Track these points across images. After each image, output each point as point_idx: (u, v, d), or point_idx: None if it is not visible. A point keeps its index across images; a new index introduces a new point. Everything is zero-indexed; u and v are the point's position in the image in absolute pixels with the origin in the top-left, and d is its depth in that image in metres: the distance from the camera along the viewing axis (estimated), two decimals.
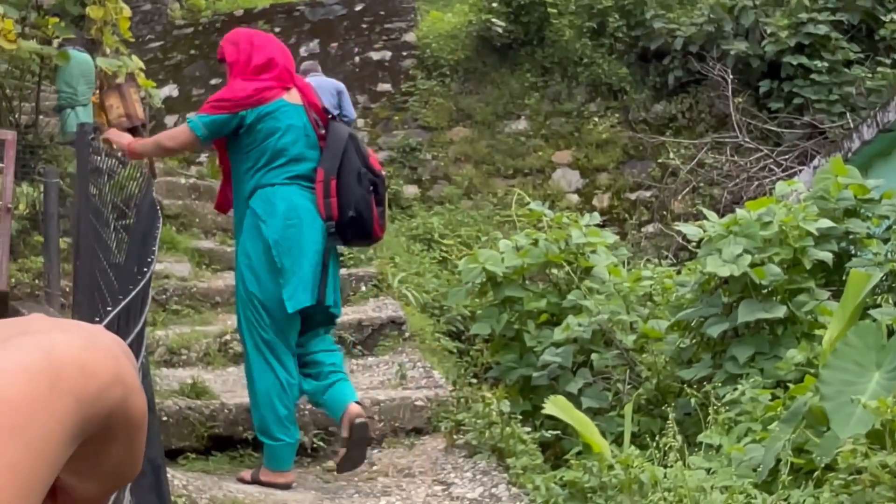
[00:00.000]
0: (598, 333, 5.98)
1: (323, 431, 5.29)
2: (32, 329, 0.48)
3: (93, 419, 0.48)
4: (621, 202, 11.03)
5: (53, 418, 0.43)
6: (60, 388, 0.44)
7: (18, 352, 0.44)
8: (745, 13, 11.07)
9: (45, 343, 0.45)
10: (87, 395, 0.47)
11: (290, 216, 4.48)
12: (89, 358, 0.48)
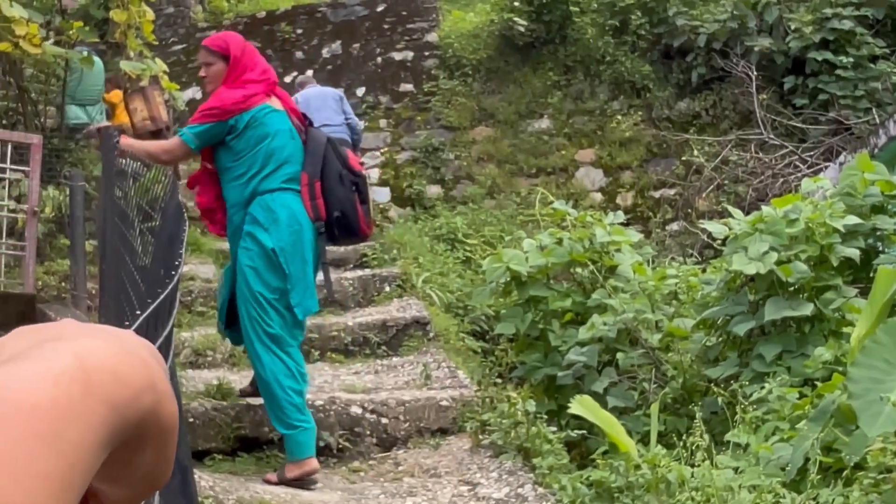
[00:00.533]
0: (624, 332, 5.97)
1: (348, 432, 5.32)
2: (64, 335, 0.48)
3: (125, 426, 0.48)
4: (645, 200, 10.99)
5: (86, 426, 0.43)
6: (93, 395, 0.44)
7: (51, 358, 0.44)
8: (768, 9, 11.01)
9: (77, 349, 0.45)
10: (119, 402, 0.47)
11: (293, 223, 4.66)
12: (121, 364, 0.48)
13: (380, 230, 10.00)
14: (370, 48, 12.27)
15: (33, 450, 0.39)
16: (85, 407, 0.43)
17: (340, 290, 8.05)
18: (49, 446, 0.40)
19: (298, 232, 4.67)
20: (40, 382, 0.42)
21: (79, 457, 0.42)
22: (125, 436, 0.49)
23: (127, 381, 0.48)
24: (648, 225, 10.52)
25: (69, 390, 0.43)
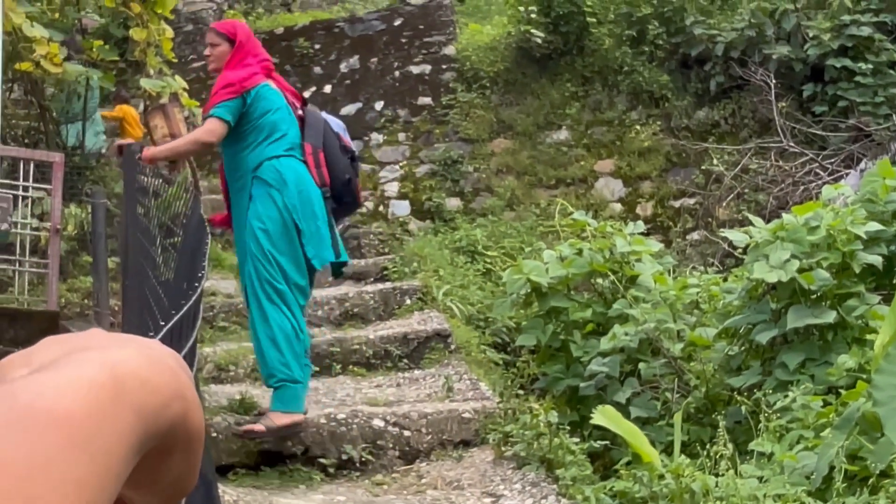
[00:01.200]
0: (645, 342, 5.96)
1: (371, 445, 5.32)
2: (93, 344, 0.49)
3: (154, 434, 0.48)
4: (665, 210, 10.96)
5: (117, 433, 0.44)
6: (123, 403, 0.45)
7: (82, 367, 0.44)
8: (786, 17, 10.98)
9: (107, 359, 0.46)
10: (148, 410, 0.48)
11: (300, 184, 5.05)
12: (150, 373, 0.48)
13: (399, 243, 10.02)
14: (388, 62, 12.30)
15: (68, 456, 0.39)
16: (116, 415, 0.44)
17: (361, 304, 8.07)
18: (83, 453, 0.40)
19: (306, 192, 5.05)
20: (73, 391, 0.42)
21: (111, 463, 0.43)
22: (154, 443, 0.50)
23: (156, 390, 0.49)
24: (669, 234, 10.49)
25: (100, 398, 0.43)
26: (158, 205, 4.80)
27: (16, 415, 0.39)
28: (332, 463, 5.20)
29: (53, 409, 0.40)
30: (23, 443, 0.38)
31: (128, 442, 0.45)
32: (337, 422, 5.35)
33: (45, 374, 0.44)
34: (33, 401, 0.41)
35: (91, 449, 0.41)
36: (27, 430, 0.39)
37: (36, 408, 0.40)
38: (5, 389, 0.42)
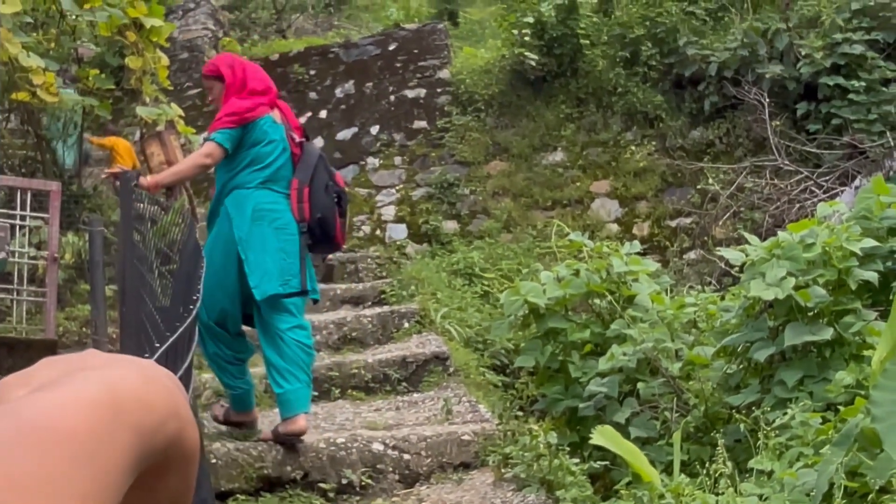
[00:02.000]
0: (644, 362, 5.96)
1: (370, 469, 5.32)
2: (91, 364, 0.50)
3: (151, 451, 0.49)
4: (661, 230, 10.98)
5: (116, 450, 0.45)
6: (122, 421, 0.46)
7: (82, 386, 0.45)
8: (778, 36, 11.04)
9: (106, 378, 0.47)
10: (146, 428, 0.48)
11: (255, 215, 5.13)
12: (148, 392, 0.49)
13: (397, 267, 10.03)
14: (383, 87, 12.36)
15: (70, 472, 0.40)
16: (115, 432, 0.45)
17: (359, 328, 8.08)
18: (84, 469, 0.41)
19: (260, 225, 5.12)
20: (75, 409, 0.43)
21: (111, 479, 0.43)
22: (151, 460, 0.51)
23: (153, 408, 0.49)
24: (666, 254, 10.50)
25: (101, 417, 0.44)
26: (155, 232, 4.83)
27: (21, 432, 0.40)
28: (332, 487, 5.19)
29: (57, 426, 0.41)
30: (28, 459, 0.39)
31: (127, 459, 0.46)
32: (336, 446, 5.34)
33: (47, 392, 0.44)
34: (37, 418, 0.41)
35: (93, 465, 0.42)
36: (32, 446, 0.40)
37: (40, 425, 0.41)
38: (9, 408, 0.43)
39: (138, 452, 0.47)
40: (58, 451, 0.40)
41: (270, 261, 5.11)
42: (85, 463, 0.41)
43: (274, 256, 5.12)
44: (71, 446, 0.41)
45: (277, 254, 5.13)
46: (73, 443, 0.42)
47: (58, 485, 0.39)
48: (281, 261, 5.14)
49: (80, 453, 0.42)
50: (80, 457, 0.41)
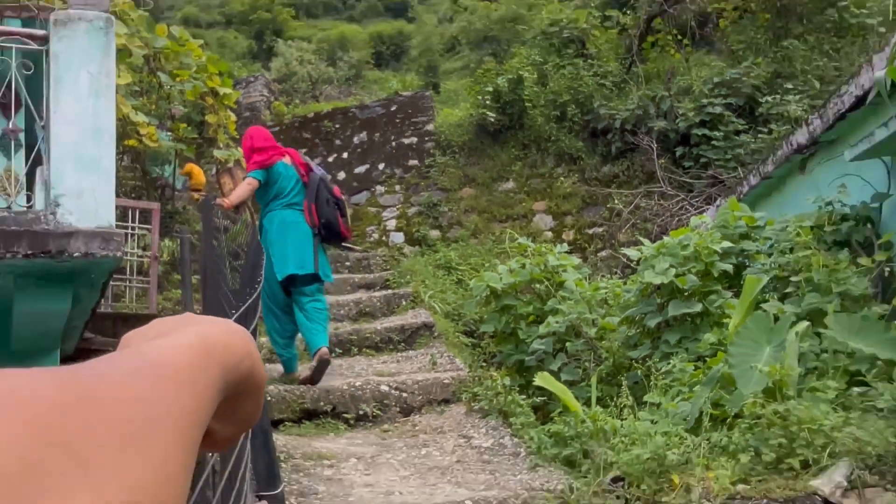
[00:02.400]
0: (570, 328, 5.99)
1: (379, 404, 5.31)
2: (189, 322, 0.51)
3: (232, 382, 0.50)
4: (582, 236, 11.01)
5: (208, 379, 0.45)
6: (211, 359, 0.47)
7: (183, 336, 0.46)
8: (663, 100, 11.09)
9: (200, 331, 0.48)
10: (228, 364, 0.49)
11: (280, 226, 5.44)
12: (229, 340, 0.50)
13: (397, 262, 10.02)
14: (387, 136, 12.34)
15: (176, 394, 0.41)
16: (207, 367, 0.46)
17: (371, 305, 8.07)
18: (186, 392, 0.42)
19: (281, 230, 5.41)
20: (178, 351, 0.44)
21: (204, 399, 0.44)
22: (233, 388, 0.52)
23: (232, 351, 0.50)
24: (585, 253, 10.53)
25: (196, 356, 0.45)
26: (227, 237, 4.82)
27: (142, 366, 0.41)
28: (352, 416, 5.20)
29: (166, 363, 0.42)
30: (147, 384, 0.40)
31: (215, 386, 0.46)
32: (355, 388, 5.35)
33: (159, 340, 0.45)
34: (153, 357, 0.42)
35: (193, 388, 0.43)
36: (150, 376, 0.40)
37: (155, 362, 0.42)
38: (133, 350, 0.44)
39: (223, 381, 0.47)
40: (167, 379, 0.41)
41: (290, 251, 5.37)
42: (186, 388, 0.42)
43: (293, 248, 5.38)
44: (176, 376, 0.42)
45: (295, 246, 5.39)
46: (178, 374, 0.42)
47: (168, 402, 0.39)
48: (298, 252, 5.38)
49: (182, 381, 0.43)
50: (182, 383, 0.42)
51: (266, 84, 14.15)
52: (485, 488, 3.70)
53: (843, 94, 5.66)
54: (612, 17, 13.31)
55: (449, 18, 26.31)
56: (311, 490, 3.67)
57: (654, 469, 3.44)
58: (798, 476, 3.25)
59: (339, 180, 12.16)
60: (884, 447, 3.22)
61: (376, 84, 19.28)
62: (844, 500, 3.11)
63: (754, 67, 10.95)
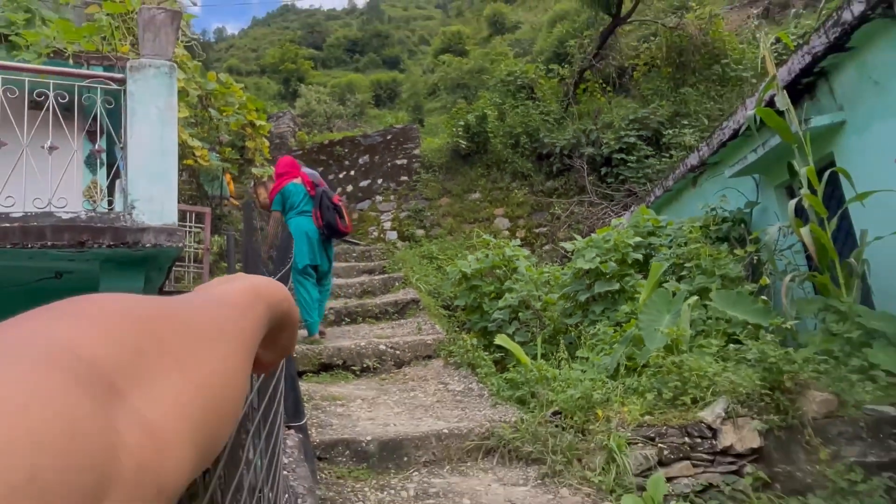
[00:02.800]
0: (522, 302, 6.04)
1: (378, 359, 5.30)
2: (243, 277, 0.52)
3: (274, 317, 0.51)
4: (531, 234, 11.05)
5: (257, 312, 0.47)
6: (259, 298, 0.48)
7: (238, 283, 0.48)
8: (592, 132, 11.15)
9: (250, 279, 0.50)
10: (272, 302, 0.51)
11: (297, 230, 5.59)
12: (272, 286, 0.51)
13: (392, 254, 10.00)
14: (384, 158, 12.29)
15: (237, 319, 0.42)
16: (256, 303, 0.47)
17: (372, 286, 8.04)
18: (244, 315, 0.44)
19: (298, 232, 5.55)
20: (238, 291, 0.46)
21: (256, 324, 0.46)
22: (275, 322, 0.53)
23: (274, 293, 0.52)
24: (533, 247, 10.58)
25: (250, 295, 0.47)
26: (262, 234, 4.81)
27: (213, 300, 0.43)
28: (358, 369, 5.19)
29: (227, 299, 0.44)
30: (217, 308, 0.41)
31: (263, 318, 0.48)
32: (360, 347, 5.34)
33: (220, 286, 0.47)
34: (220, 295, 0.44)
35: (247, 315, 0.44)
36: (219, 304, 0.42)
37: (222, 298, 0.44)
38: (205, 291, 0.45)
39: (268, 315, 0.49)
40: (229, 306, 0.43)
41: (305, 248, 5.55)
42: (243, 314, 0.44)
43: (306, 246, 5.55)
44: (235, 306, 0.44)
45: (307, 243, 5.56)
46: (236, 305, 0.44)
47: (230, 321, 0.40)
48: (309, 248, 5.56)
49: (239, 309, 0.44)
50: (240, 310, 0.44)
51: (292, 118, 14.03)
52: (457, 420, 3.73)
53: (724, 128, 5.74)
54: (554, 70, 13.36)
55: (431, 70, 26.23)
56: (328, 422, 3.68)
57: (583, 405, 3.49)
58: (689, 409, 3.31)
59: (348, 192, 12.10)
60: (751, 388, 3.29)
61: (376, 119, 19.17)
62: (722, 426, 3.19)
63: (659, 108, 11.05)
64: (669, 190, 7.18)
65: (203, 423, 0.33)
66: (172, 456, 0.30)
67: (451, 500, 2.86)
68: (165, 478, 0.29)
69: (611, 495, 2.84)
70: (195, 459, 0.32)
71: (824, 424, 3.17)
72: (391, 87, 27.64)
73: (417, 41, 38.98)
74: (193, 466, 0.32)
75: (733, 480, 3.05)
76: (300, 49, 32.35)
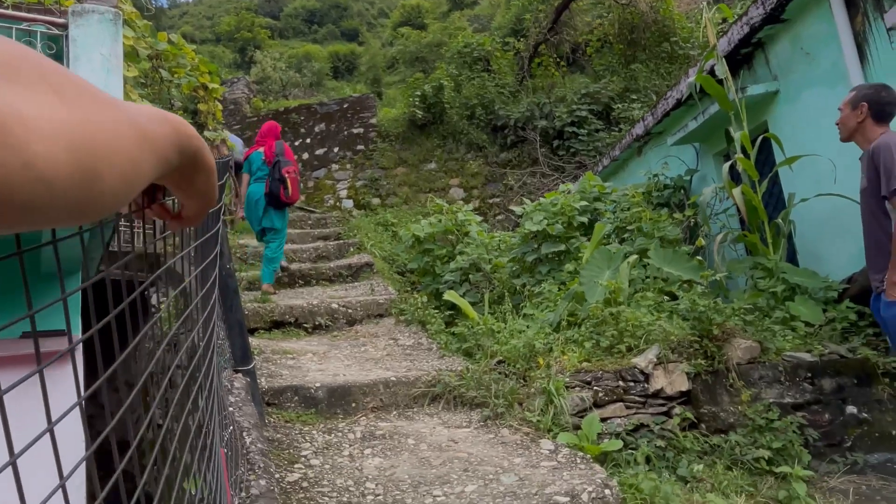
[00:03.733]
0: (472, 265, 6.09)
1: (330, 317, 5.30)
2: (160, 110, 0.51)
3: (183, 145, 0.49)
4: (485, 204, 11.10)
5: (165, 128, 0.47)
6: (169, 121, 0.47)
7: (151, 108, 0.46)
8: (545, 106, 11.23)
9: (161, 113, 0.48)
10: (181, 131, 0.50)
11: (249, 195, 6.09)
12: (183, 122, 0.50)
13: (347, 221, 9.93)
14: (341, 126, 12.12)
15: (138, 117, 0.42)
16: (166, 123, 0.47)
17: (327, 251, 7.99)
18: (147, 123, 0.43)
19: (249, 198, 6.07)
20: (149, 111, 0.45)
21: (160, 134, 0.45)
22: (186, 156, 0.52)
23: (185, 127, 0.50)
24: (486, 217, 10.65)
25: (160, 115, 0.46)
26: None
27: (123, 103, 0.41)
28: (310, 326, 5.19)
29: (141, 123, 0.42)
30: (126, 104, 0.40)
31: (170, 135, 0.47)
32: (313, 306, 5.33)
33: (138, 108, 0.44)
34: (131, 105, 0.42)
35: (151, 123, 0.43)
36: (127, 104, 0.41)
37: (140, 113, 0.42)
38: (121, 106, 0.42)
39: (177, 140, 0.47)
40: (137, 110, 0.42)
41: (252, 212, 6.07)
42: (152, 122, 0.44)
43: (253, 211, 6.06)
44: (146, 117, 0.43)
45: (254, 208, 6.04)
46: (148, 117, 0.43)
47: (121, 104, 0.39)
48: (255, 211, 6.05)
49: (155, 120, 0.44)
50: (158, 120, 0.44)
51: (247, 84, 13.64)
52: (406, 370, 3.77)
53: (668, 98, 5.87)
54: (510, 43, 13.34)
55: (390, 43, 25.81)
56: (278, 373, 3.68)
57: (525, 354, 3.58)
58: (624, 356, 3.44)
59: (304, 160, 11.89)
60: (682, 336, 3.43)
61: (334, 91, 18.78)
62: (654, 371, 3.32)
63: (610, 83, 11.19)
64: (616, 159, 7.31)
65: (83, 150, 0.33)
66: (44, 145, 0.30)
67: (396, 440, 2.91)
68: (33, 159, 0.30)
69: (548, 434, 2.94)
70: (72, 171, 0.32)
71: (747, 369, 3.34)
72: (350, 59, 27.08)
73: (377, 14, 38.21)
74: (69, 175, 0.32)
75: (663, 420, 3.19)
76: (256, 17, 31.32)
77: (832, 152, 3.91)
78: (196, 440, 0.99)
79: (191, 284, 1.22)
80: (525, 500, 2.12)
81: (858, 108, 2.88)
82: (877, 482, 2.99)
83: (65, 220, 0.34)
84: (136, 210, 0.61)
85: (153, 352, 0.92)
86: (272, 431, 2.90)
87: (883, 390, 3.23)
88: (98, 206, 0.37)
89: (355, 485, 2.32)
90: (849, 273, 3.81)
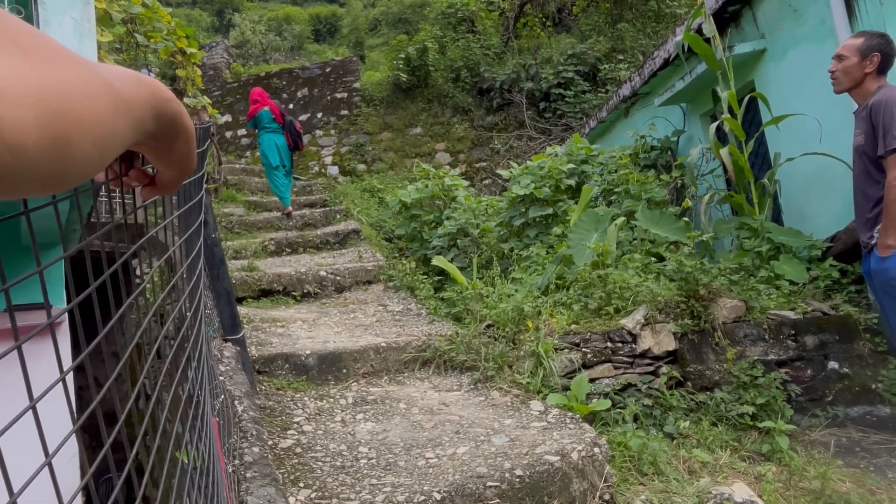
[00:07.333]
0: (460, 230, 6.09)
1: (318, 285, 5.30)
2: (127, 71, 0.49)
3: (160, 109, 0.48)
4: (471, 168, 11.05)
5: (141, 92, 0.45)
6: (145, 84, 0.46)
7: (125, 69, 0.45)
8: (531, 68, 11.09)
9: (136, 75, 0.46)
10: (158, 95, 0.49)
11: (269, 142, 7.47)
12: (157, 84, 0.48)
13: (333, 188, 9.85)
14: (324, 91, 11.91)
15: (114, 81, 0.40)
16: (142, 85, 0.45)
17: (313, 218, 7.94)
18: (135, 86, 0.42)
19: (269, 144, 7.44)
20: (127, 73, 0.43)
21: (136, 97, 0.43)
22: (164, 120, 0.50)
23: (163, 89, 0.49)
24: (473, 181, 10.62)
25: (135, 77, 0.44)
26: None
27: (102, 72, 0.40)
28: (299, 294, 5.18)
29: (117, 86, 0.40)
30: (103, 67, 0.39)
31: (146, 99, 0.45)
32: (301, 273, 5.31)
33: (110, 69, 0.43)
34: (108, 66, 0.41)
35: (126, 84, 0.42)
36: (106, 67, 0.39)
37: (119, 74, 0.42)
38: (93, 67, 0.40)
39: (153, 104, 0.46)
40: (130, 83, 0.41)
41: (275, 154, 7.46)
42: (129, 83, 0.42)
43: (275, 152, 7.46)
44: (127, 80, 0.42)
45: (277, 151, 7.45)
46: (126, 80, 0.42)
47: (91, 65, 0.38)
48: (278, 153, 7.48)
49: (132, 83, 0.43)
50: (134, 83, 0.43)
51: (226, 48, 13.31)
52: (396, 336, 3.79)
53: (655, 57, 5.81)
54: (494, 2, 13.09)
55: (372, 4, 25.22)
56: (267, 341, 3.68)
57: (514, 317, 3.60)
58: (612, 318, 3.48)
59: None
60: (669, 297, 3.47)
61: (315, 54, 18.38)
62: (642, 332, 3.37)
63: (597, 44, 11.05)
64: (603, 121, 7.27)
65: (53, 114, 0.32)
66: (9, 109, 0.29)
67: (388, 405, 2.94)
68: None
69: (538, 395, 2.98)
70: (40, 136, 0.31)
71: (733, 328, 3.39)
72: (331, 21, 26.46)
73: None
74: (37, 141, 0.31)
75: (650, 380, 3.25)
76: None
77: (818, 111, 3.90)
78: (187, 410, 0.99)
79: (175, 254, 1.20)
80: (516, 460, 2.16)
81: (869, 58, 2.71)
82: (856, 434, 3.08)
83: (35, 190, 0.32)
84: (114, 178, 0.59)
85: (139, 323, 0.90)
86: (264, 399, 2.92)
87: (863, 346, 3.31)
88: (70, 174, 0.35)
89: (348, 449, 2.35)
90: (833, 231, 3.85)
